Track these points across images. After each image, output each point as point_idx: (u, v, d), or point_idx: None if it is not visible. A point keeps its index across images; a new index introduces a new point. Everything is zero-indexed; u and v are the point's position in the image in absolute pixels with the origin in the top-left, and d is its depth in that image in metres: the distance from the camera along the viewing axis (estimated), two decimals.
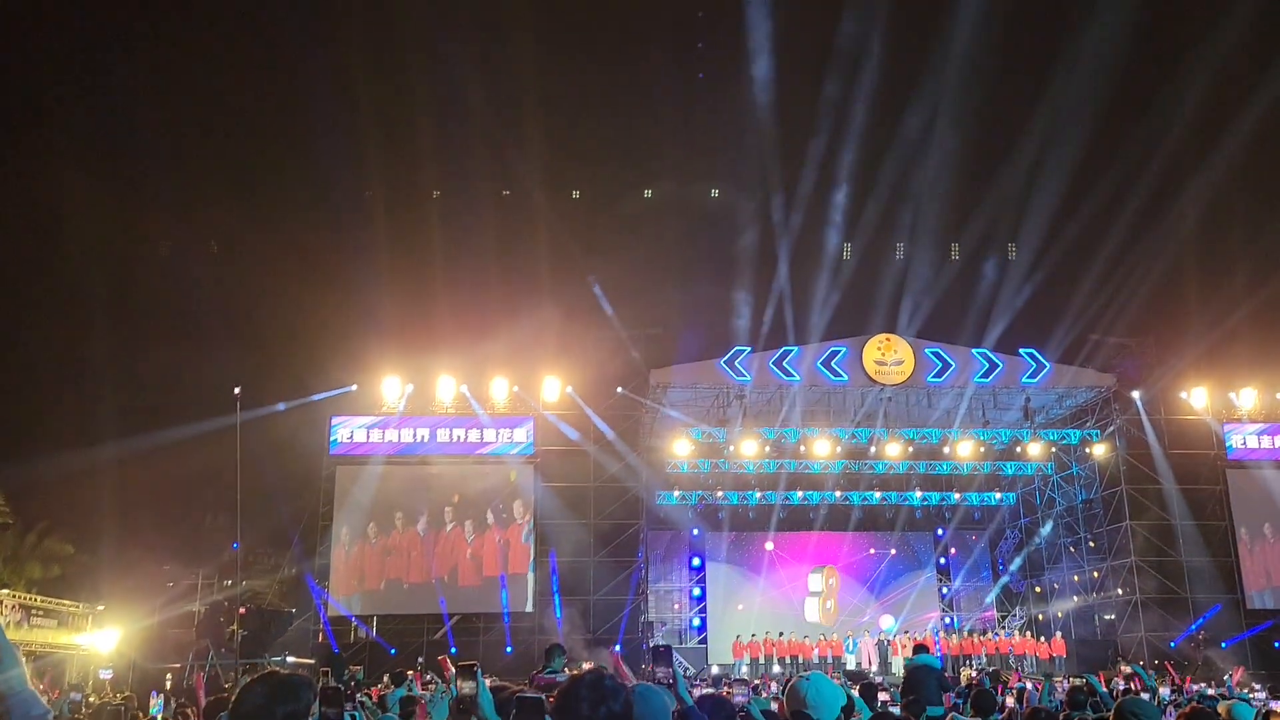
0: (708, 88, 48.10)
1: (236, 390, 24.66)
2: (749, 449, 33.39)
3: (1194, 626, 31.90)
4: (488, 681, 3.54)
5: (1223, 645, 31.51)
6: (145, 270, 44.70)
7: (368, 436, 31.81)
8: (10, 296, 42.05)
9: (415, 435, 32.04)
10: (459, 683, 3.40)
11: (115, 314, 40.55)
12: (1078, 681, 13.05)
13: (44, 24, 42.87)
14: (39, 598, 29.05)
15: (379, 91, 43.28)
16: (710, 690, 6.50)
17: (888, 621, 36.98)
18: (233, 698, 3.52)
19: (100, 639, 29.52)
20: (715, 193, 48.59)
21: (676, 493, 36.53)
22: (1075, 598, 36.39)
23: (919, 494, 37.78)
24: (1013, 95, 40.25)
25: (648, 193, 47.87)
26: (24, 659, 2.61)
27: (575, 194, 48.29)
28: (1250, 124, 36.67)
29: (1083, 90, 37.05)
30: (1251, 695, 18.15)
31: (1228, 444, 33.76)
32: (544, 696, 3.28)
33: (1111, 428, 34.10)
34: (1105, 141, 39.86)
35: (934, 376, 32.67)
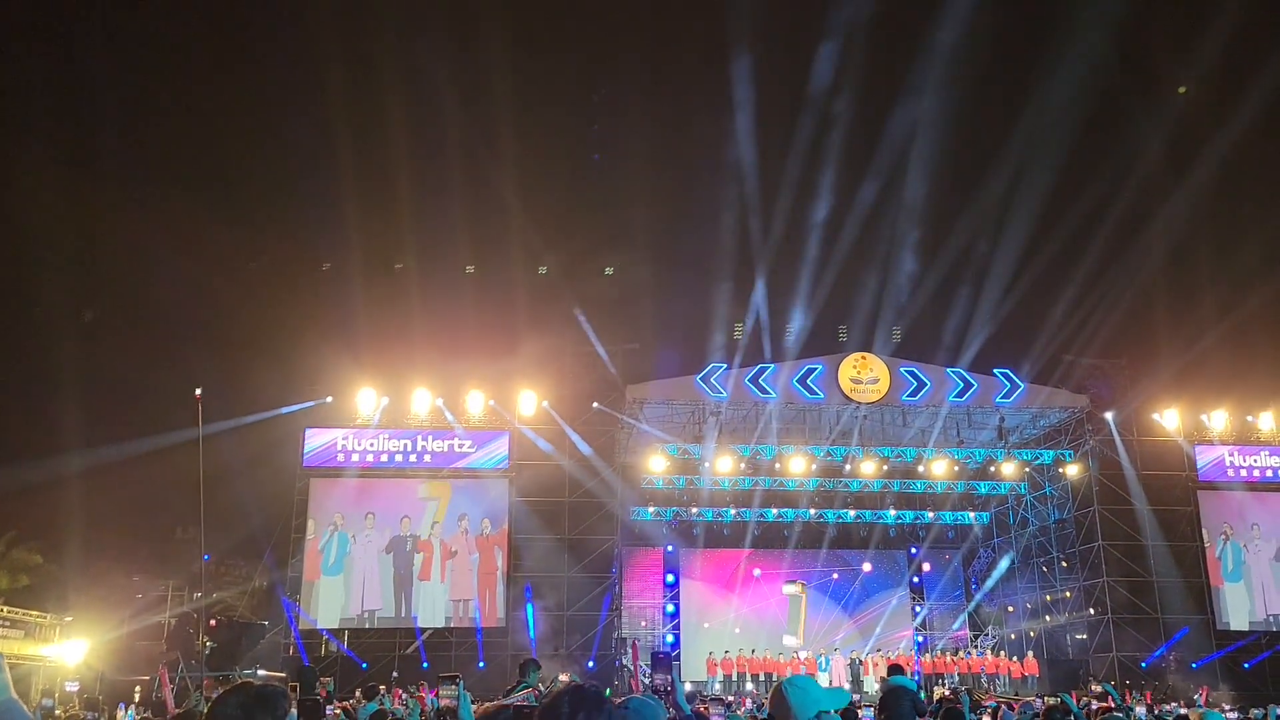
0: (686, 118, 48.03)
1: (198, 391, 24.19)
2: (724, 465, 33.42)
3: (1164, 647, 32.08)
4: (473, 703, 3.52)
5: (1193, 665, 31.71)
6: (116, 279, 44.38)
7: (341, 448, 31.64)
8: None
9: (389, 447, 31.89)
10: (440, 692, 3.39)
11: (84, 323, 40.23)
12: (1053, 701, 13.08)
13: (11, 27, 42.52)
14: (5, 608, 28.68)
15: (350, 105, 43.22)
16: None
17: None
18: (204, 710, 3.48)
19: (67, 650, 29.14)
20: (609, 270, 48.10)
21: (651, 509, 36.46)
22: (1047, 617, 36.53)
23: (893, 512, 37.83)
24: (988, 116, 40.58)
25: (543, 269, 47.30)
26: (7, 668, 2.54)
27: (468, 269, 47.42)
28: (1222, 147, 37.11)
29: (1056, 114, 37.37)
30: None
31: (1199, 465, 34.10)
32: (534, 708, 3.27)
33: (1084, 448, 34.33)
34: (1079, 164, 40.26)
35: (909, 395, 32.79)
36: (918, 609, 38.87)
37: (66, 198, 39.90)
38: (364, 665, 29.55)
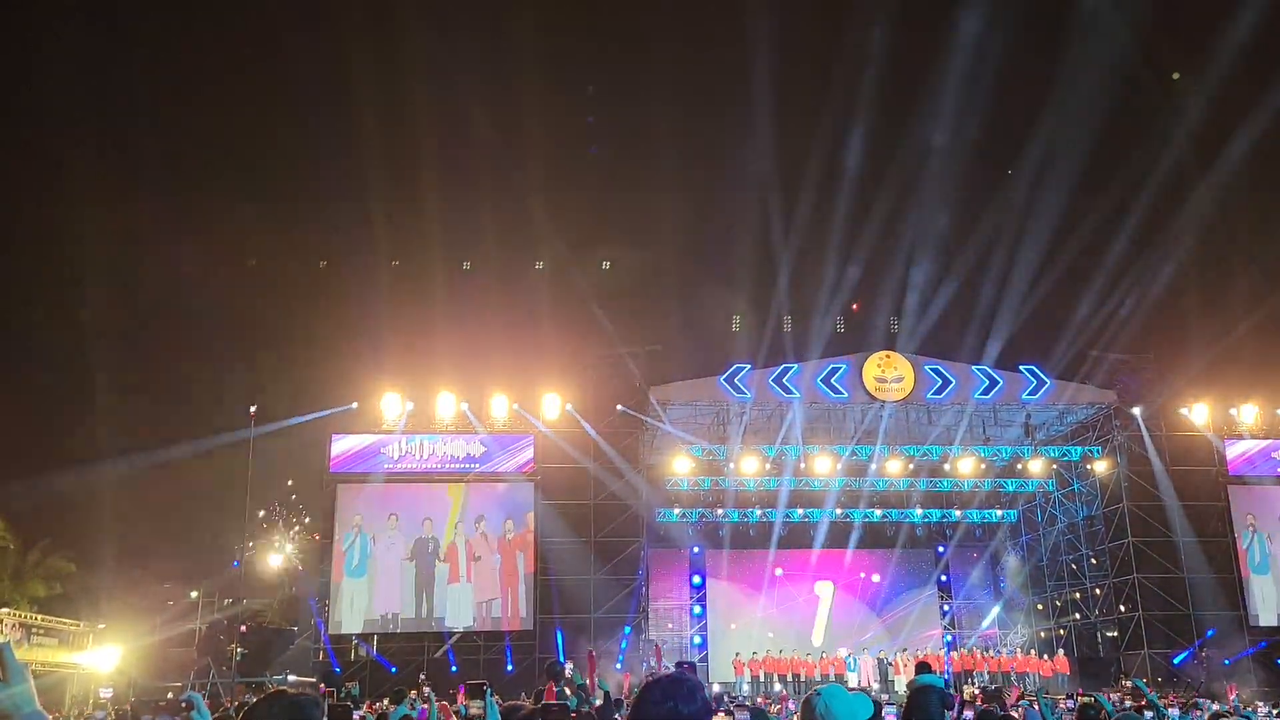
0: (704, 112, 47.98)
1: (252, 409, 24.73)
2: (749, 466, 33.36)
3: (1196, 644, 31.81)
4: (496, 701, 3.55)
5: (1225, 662, 31.42)
6: (148, 290, 44.76)
7: (367, 453, 31.81)
8: (13, 313, 42.12)
9: (415, 452, 32.03)
10: (467, 702, 3.43)
11: (118, 333, 40.60)
12: (1086, 699, 13.03)
13: (57, 46, 42.99)
14: (40, 616, 29.00)
15: (380, 117, 43.45)
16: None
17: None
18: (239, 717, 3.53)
19: (100, 657, 29.42)
20: (606, 264, 47.79)
21: (677, 510, 36.41)
22: (1077, 615, 36.28)
23: (920, 511, 37.63)
24: (1013, 108, 40.29)
25: (539, 264, 46.82)
26: (31, 678, 2.57)
27: (465, 265, 47.03)
28: (1250, 141, 36.68)
29: (1083, 106, 37.11)
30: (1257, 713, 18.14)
31: (1229, 459, 33.78)
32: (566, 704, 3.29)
33: (1112, 444, 34.06)
34: (1106, 157, 39.92)
35: (934, 393, 32.66)
36: (946, 608, 38.69)
37: (106, 215, 40.31)
38: (393, 669, 29.68)
